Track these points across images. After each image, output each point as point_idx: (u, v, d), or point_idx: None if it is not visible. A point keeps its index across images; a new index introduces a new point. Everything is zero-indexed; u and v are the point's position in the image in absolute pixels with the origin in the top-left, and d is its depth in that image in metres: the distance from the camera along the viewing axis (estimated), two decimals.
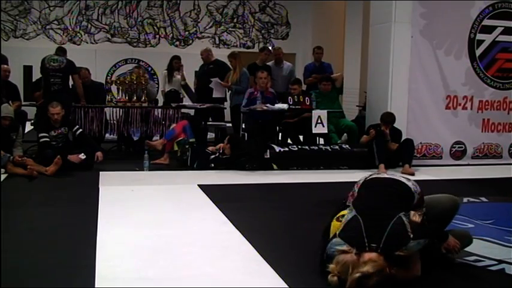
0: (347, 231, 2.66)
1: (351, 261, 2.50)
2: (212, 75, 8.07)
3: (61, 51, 7.35)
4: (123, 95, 7.36)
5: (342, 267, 2.51)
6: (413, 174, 5.91)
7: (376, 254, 2.51)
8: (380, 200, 2.79)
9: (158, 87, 10.01)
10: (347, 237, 2.62)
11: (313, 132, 7.10)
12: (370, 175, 3.06)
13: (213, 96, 7.97)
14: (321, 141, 7.48)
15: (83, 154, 6.01)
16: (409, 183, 2.92)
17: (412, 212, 2.77)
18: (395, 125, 6.64)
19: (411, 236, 2.58)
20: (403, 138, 6.70)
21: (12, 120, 6.02)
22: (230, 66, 8.16)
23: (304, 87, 8.15)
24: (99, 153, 6.13)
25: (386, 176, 3.08)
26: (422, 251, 2.75)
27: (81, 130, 6.43)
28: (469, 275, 2.98)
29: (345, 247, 2.58)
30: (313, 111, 7.11)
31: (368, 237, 2.56)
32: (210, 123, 8.18)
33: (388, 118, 6.54)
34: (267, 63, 8.47)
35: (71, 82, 7.20)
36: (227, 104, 8.35)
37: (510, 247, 3.47)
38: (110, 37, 13.74)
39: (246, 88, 7.66)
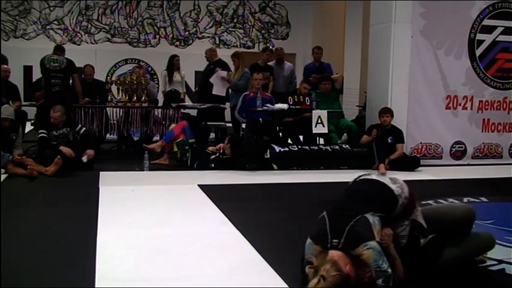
0: (315, 231, 2.65)
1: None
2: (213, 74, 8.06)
3: (59, 50, 7.34)
4: (123, 95, 7.36)
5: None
6: (384, 174, 5.76)
7: (338, 253, 2.47)
8: (349, 200, 2.72)
9: (158, 87, 10.01)
10: (315, 237, 2.61)
11: (313, 132, 7.10)
12: (359, 176, 2.94)
13: (212, 92, 7.93)
14: (321, 141, 7.48)
15: (85, 157, 6.03)
16: (393, 186, 2.76)
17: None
18: (395, 125, 6.66)
19: (376, 236, 2.50)
20: (406, 144, 6.74)
21: (13, 121, 6.02)
22: (232, 65, 8.19)
23: None
24: (89, 151, 6.11)
25: (372, 177, 2.88)
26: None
27: (84, 129, 6.45)
28: (469, 275, 2.98)
29: (316, 247, 2.57)
30: (313, 111, 7.11)
31: (331, 233, 2.54)
32: (211, 123, 8.18)
33: (385, 108, 6.63)
34: (269, 64, 8.47)
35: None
36: (228, 104, 8.36)
37: (510, 247, 3.48)
38: (110, 37, 13.74)
39: (244, 86, 7.70)
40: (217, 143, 7.08)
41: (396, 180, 2.84)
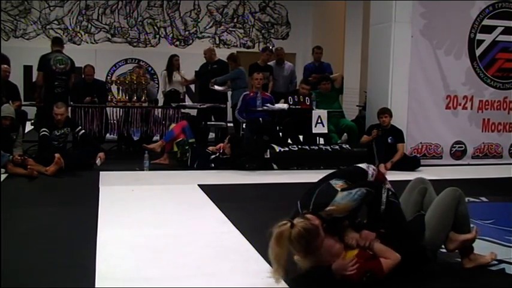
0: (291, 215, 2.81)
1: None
2: (215, 75, 8.08)
3: (58, 42, 7.34)
4: (123, 95, 7.37)
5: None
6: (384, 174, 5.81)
7: (309, 214, 2.67)
8: (317, 182, 2.97)
9: (158, 87, 10.00)
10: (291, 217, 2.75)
11: (313, 132, 7.10)
12: None
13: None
14: (321, 141, 7.48)
15: (99, 161, 6.03)
16: (363, 165, 3.02)
17: None
18: (395, 125, 6.66)
19: (339, 189, 2.74)
20: (406, 144, 6.73)
21: (13, 120, 6.03)
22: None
23: None
24: (101, 154, 6.11)
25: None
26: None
27: (83, 131, 6.45)
28: (469, 275, 2.98)
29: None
30: (313, 111, 7.11)
31: (301, 207, 2.81)
32: (211, 123, 8.19)
33: (383, 109, 6.61)
34: (269, 63, 8.48)
35: None
36: (228, 104, 8.37)
37: (510, 247, 3.48)
38: (110, 37, 13.74)
39: (232, 76, 7.98)
40: (217, 143, 7.08)
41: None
